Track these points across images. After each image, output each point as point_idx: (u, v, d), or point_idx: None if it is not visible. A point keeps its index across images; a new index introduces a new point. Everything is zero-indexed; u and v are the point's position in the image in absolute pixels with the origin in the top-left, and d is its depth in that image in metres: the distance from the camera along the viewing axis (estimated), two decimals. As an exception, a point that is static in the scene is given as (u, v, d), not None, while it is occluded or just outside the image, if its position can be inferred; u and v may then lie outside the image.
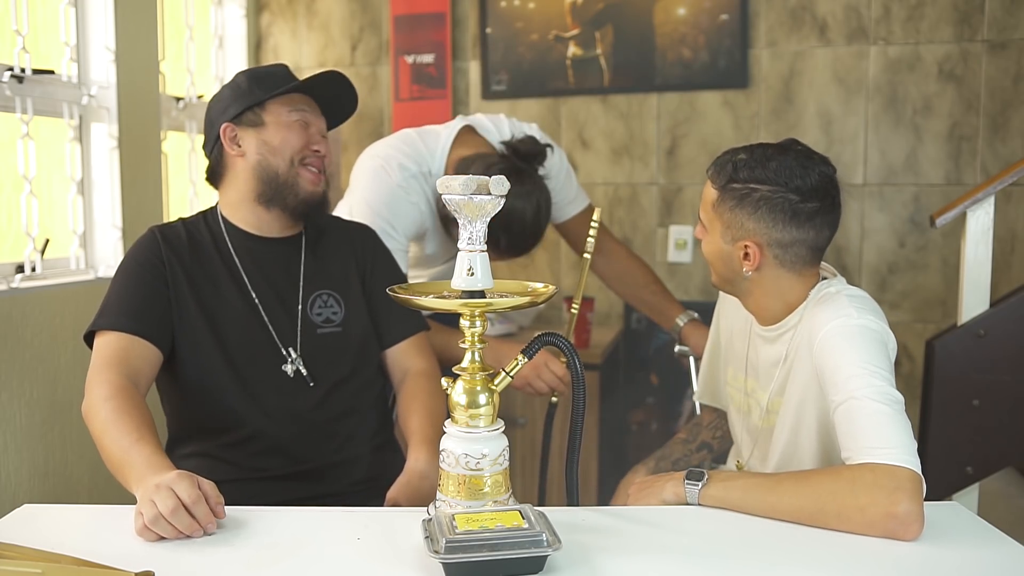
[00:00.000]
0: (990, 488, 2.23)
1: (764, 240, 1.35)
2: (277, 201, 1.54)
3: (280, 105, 1.54)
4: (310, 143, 1.55)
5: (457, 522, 1.00)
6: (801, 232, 1.34)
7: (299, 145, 1.54)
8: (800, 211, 1.33)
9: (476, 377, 1.12)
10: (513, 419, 2.59)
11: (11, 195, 2.20)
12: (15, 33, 2.14)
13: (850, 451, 1.18)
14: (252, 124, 1.54)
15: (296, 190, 1.54)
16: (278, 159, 1.53)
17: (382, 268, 1.65)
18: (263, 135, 1.54)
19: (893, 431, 1.15)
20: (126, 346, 1.41)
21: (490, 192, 1.06)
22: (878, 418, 1.17)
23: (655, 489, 1.26)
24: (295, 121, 1.54)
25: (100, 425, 1.30)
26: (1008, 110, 2.78)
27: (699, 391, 1.74)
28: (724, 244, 1.38)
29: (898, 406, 1.19)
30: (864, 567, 1.03)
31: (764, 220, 1.34)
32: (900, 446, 1.14)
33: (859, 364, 1.23)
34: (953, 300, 2.56)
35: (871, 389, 1.20)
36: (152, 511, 1.09)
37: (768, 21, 2.93)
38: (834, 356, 1.26)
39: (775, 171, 1.33)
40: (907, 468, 1.12)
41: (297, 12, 3.32)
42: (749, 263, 1.36)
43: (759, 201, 1.33)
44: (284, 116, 1.54)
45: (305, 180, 1.55)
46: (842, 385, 1.22)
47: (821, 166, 1.35)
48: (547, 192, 1.89)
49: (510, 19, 3.10)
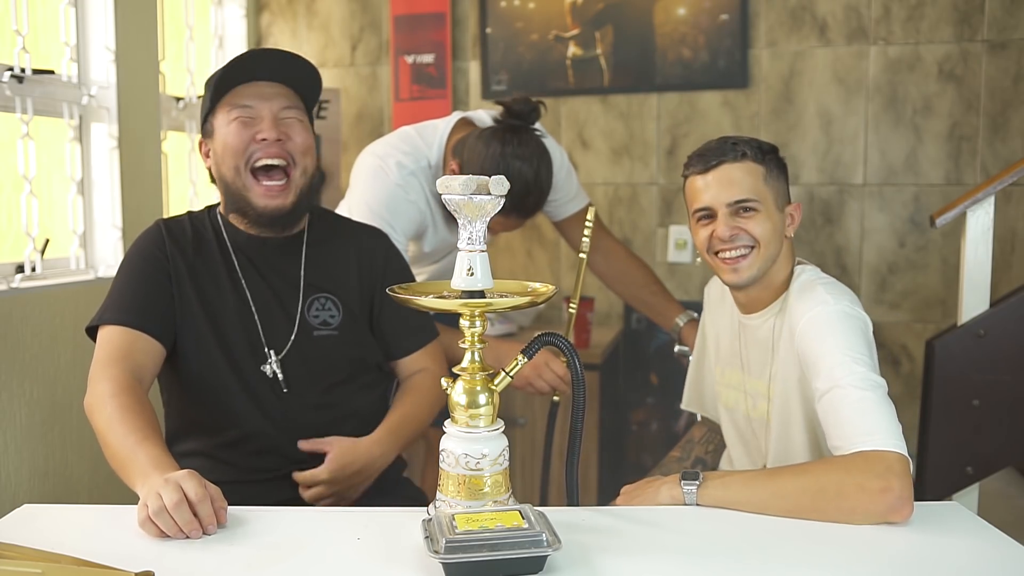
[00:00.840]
0: (990, 488, 2.23)
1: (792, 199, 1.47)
2: (238, 211, 1.52)
3: (225, 107, 1.48)
4: (256, 135, 1.46)
5: (457, 522, 1.00)
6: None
7: (239, 146, 1.46)
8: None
9: (476, 377, 1.12)
10: (513, 419, 2.59)
11: (11, 195, 2.20)
12: (15, 33, 2.14)
13: (839, 440, 1.21)
14: (209, 135, 1.52)
15: (250, 203, 1.49)
16: (224, 168, 1.49)
17: (394, 275, 1.61)
18: (214, 145, 1.51)
19: (879, 417, 1.19)
20: (130, 341, 1.40)
21: (490, 192, 1.06)
22: (863, 405, 1.20)
23: (648, 494, 1.25)
24: (234, 120, 1.47)
25: (104, 422, 1.30)
26: (1008, 110, 2.78)
27: (685, 399, 1.75)
28: (778, 213, 1.43)
29: (881, 391, 1.22)
30: (864, 567, 1.03)
31: (785, 182, 1.46)
32: (886, 431, 1.18)
33: (840, 351, 1.26)
34: (953, 300, 2.56)
35: (854, 376, 1.23)
36: (157, 503, 1.09)
37: (768, 21, 2.93)
38: (815, 345, 1.29)
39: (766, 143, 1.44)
40: (894, 452, 1.16)
41: (297, 12, 3.32)
42: (791, 225, 1.45)
43: (782, 167, 1.45)
44: (225, 119, 1.48)
45: (256, 195, 1.48)
46: (825, 374, 1.26)
47: None
48: (547, 151, 1.86)
49: (510, 19, 3.10)
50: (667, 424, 2.99)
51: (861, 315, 1.33)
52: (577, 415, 1.17)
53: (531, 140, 1.84)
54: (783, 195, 1.43)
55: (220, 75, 1.48)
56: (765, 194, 1.41)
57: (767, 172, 1.41)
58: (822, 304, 1.32)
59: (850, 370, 1.23)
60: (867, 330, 1.32)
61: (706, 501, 1.22)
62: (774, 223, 1.41)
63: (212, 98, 1.49)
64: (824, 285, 1.37)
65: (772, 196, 1.41)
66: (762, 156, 1.41)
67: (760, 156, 1.41)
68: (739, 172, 1.39)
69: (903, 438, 1.19)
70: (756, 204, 1.40)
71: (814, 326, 1.30)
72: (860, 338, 1.29)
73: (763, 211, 1.40)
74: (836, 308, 1.31)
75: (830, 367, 1.25)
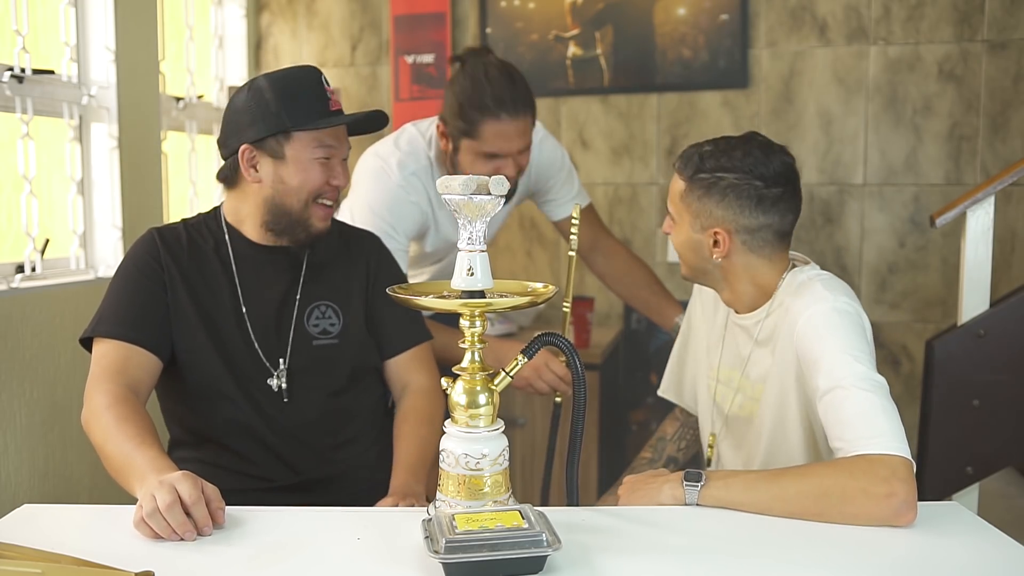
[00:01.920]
0: (990, 488, 2.23)
1: (732, 226, 1.40)
2: (284, 234, 1.50)
3: (306, 139, 1.45)
4: (330, 179, 1.47)
5: (457, 522, 1.00)
6: (767, 217, 1.40)
7: (318, 185, 1.46)
8: (765, 197, 1.39)
9: (476, 377, 1.12)
10: (513, 419, 2.59)
11: (11, 195, 2.20)
12: (15, 33, 2.14)
13: (842, 442, 1.20)
14: (272, 154, 1.45)
15: (307, 227, 1.49)
16: (292, 199, 1.47)
17: (386, 277, 1.60)
18: (281, 170, 1.46)
19: (882, 419, 1.19)
20: (125, 355, 1.39)
21: (490, 192, 1.06)
22: (866, 407, 1.20)
23: (650, 491, 1.25)
24: (317, 159, 1.46)
25: (101, 433, 1.29)
26: (1008, 110, 2.78)
27: (663, 385, 1.74)
28: (694, 233, 1.43)
29: (883, 392, 1.22)
30: (864, 567, 1.03)
31: (731, 207, 1.40)
32: (889, 433, 1.17)
33: (841, 350, 1.26)
34: (953, 300, 2.56)
35: (855, 377, 1.23)
36: (151, 504, 1.09)
37: (768, 21, 2.93)
38: (815, 343, 1.29)
39: (740, 160, 1.39)
40: (898, 456, 1.15)
41: (297, 12, 3.32)
42: (719, 250, 1.42)
43: (726, 189, 1.39)
44: (307, 152, 1.45)
45: (316, 218, 1.48)
46: (826, 373, 1.25)
47: (782, 155, 1.42)
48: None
49: (510, 19, 3.10)
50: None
51: (859, 311, 1.33)
52: (578, 415, 1.17)
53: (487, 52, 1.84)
54: (707, 217, 1.41)
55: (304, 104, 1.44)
56: (680, 211, 1.44)
57: (687, 190, 1.42)
58: (821, 301, 1.32)
59: (851, 370, 1.23)
60: (866, 326, 1.32)
61: (707, 502, 1.21)
62: (689, 240, 1.44)
63: (294, 119, 1.44)
64: (823, 282, 1.37)
65: (689, 216, 1.42)
66: (691, 173, 1.41)
67: (689, 172, 1.42)
68: (674, 181, 1.46)
69: (907, 441, 1.18)
70: (673, 215, 1.47)
71: (813, 324, 1.30)
72: (860, 335, 1.29)
73: (677, 226, 1.46)
74: (834, 305, 1.31)
75: (831, 367, 1.25)
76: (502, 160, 1.79)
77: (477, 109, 1.75)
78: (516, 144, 1.79)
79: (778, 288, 1.42)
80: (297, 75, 1.48)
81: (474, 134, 1.77)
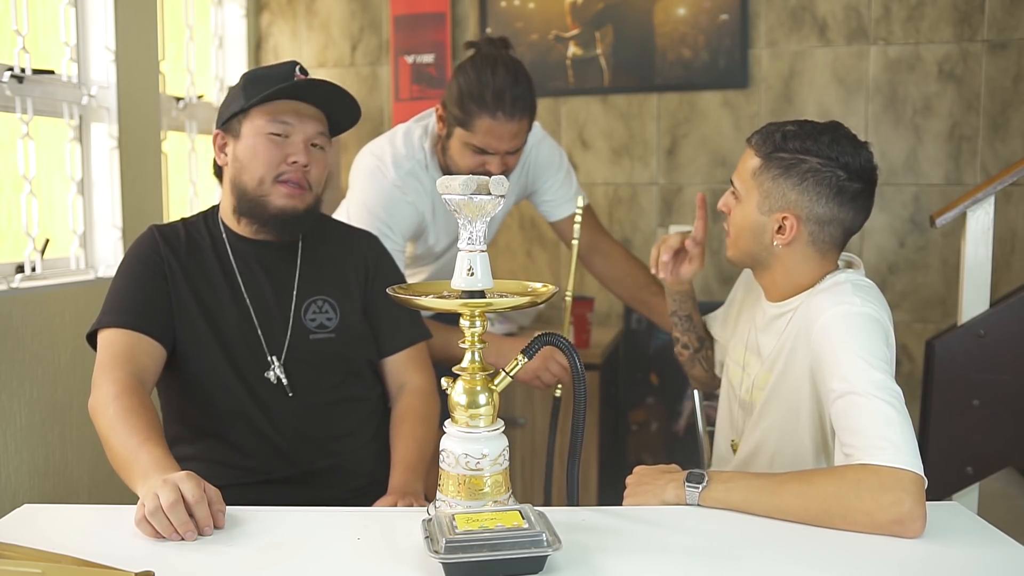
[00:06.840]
0: (990, 488, 2.23)
1: (804, 213, 1.34)
2: (250, 215, 1.51)
3: (261, 115, 1.46)
4: (288, 157, 1.47)
5: (457, 522, 1.00)
6: (842, 211, 1.35)
7: (271, 162, 1.46)
8: (845, 189, 1.33)
9: (476, 377, 1.12)
10: (513, 419, 2.59)
11: (11, 195, 2.20)
12: (15, 33, 2.14)
13: (852, 448, 1.17)
14: (234, 134, 1.50)
15: (267, 206, 1.48)
16: (246, 176, 1.48)
17: (384, 275, 1.62)
18: (237, 148, 1.49)
19: (896, 431, 1.15)
20: (131, 343, 1.41)
21: (490, 192, 1.06)
22: (880, 416, 1.16)
23: (655, 489, 1.25)
24: (271, 134, 1.46)
25: (107, 423, 1.30)
26: (1008, 110, 2.78)
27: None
28: (759, 215, 1.37)
29: (899, 402, 1.19)
30: (865, 567, 1.03)
31: (809, 192, 1.34)
32: (903, 446, 1.13)
33: (859, 355, 1.22)
34: (953, 300, 2.56)
35: (872, 384, 1.19)
36: (153, 503, 1.09)
37: (768, 21, 2.93)
38: (834, 343, 1.25)
39: (827, 145, 1.33)
40: (910, 471, 1.11)
41: (297, 12, 3.31)
42: (782, 236, 1.36)
43: (807, 172, 1.33)
44: (261, 128, 1.46)
45: (277, 195, 1.48)
46: (842, 376, 1.22)
47: (867, 151, 1.36)
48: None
49: (510, 19, 3.10)
50: (667, 424, 2.99)
51: (885, 320, 1.29)
52: (578, 415, 1.17)
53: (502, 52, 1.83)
54: (779, 199, 1.35)
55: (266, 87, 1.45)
56: (750, 189, 1.38)
57: (762, 168, 1.36)
58: (847, 304, 1.27)
59: (869, 377, 1.20)
60: (889, 335, 1.28)
61: (708, 503, 1.21)
62: (752, 221, 1.38)
63: (248, 99, 1.47)
64: (855, 286, 1.31)
65: (758, 195, 1.37)
66: (769, 150, 1.36)
67: (767, 149, 1.36)
68: (746, 157, 1.40)
69: (919, 455, 1.14)
70: (739, 192, 1.40)
71: (834, 324, 1.26)
72: (881, 342, 1.25)
73: (741, 204, 1.40)
74: (861, 309, 1.26)
75: (848, 370, 1.21)
76: (489, 156, 1.80)
77: (476, 103, 1.75)
78: (506, 144, 1.79)
79: (816, 285, 1.37)
80: (273, 66, 1.53)
81: (468, 125, 1.78)
